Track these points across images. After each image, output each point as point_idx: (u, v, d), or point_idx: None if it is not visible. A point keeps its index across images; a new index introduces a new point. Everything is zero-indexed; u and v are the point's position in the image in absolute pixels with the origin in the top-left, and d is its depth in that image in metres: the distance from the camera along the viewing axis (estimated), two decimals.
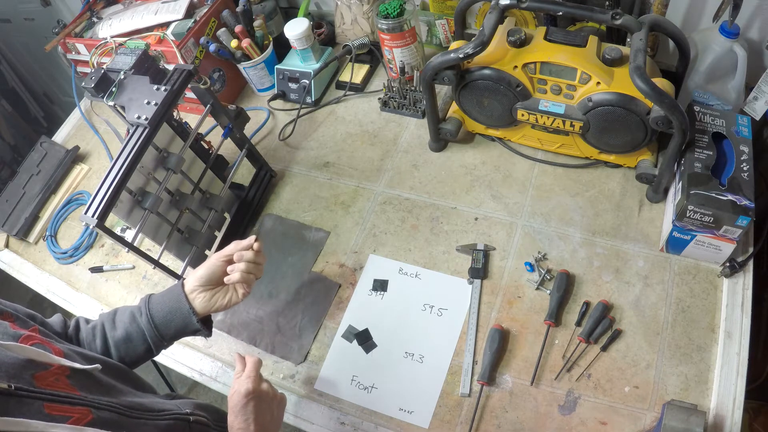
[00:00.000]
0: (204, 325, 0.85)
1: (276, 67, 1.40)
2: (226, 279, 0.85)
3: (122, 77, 0.99)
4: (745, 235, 0.96)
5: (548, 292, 1.00)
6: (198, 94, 1.08)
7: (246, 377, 0.76)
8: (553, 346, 0.97)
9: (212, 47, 1.29)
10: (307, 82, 1.37)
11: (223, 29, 1.33)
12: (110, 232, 0.90)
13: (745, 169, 0.92)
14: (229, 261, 0.86)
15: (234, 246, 0.87)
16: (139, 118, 0.93)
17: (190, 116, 1.27)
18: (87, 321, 0.85)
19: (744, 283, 0.97)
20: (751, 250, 0.98)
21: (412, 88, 1.33)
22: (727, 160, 0.96)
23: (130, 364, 0.83)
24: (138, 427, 0.62)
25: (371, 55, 1.43)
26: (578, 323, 0.97)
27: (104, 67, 1.03)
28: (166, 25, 1.32)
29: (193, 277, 0.84)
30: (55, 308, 1.24)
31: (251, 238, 0.88)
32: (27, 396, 0.52)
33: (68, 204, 1.38)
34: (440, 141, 1.24)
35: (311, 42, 1.34)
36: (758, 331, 1.34)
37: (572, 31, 1.03)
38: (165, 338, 0.83)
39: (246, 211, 1.22)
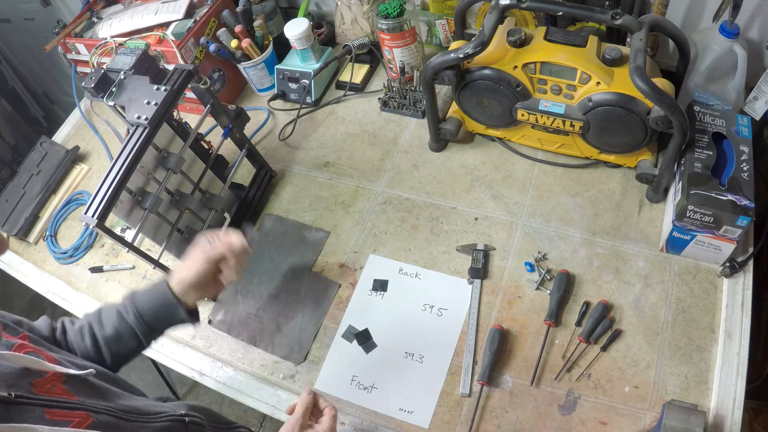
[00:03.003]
0: (191, 316, 0.85)
1: (276, 67, 1.40)
2: (225, 283, 0.87)
3: (122, 77, 0.99)
4: (745, 235, 0.96)
5: (548, 292, 1.00)
6: (198, 94, 1.08)
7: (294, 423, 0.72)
8: (553, 346, 0.96)
9: (212, 47, 1.29)
10: (307, 82, 1.37)
11: (223, 29, 1.33)
12: (110, 232, 0.90)
13: (745, 169, 0.92)
14: (217, 262, 0.86)
15: (223, 247, 0.85)
16: (139, 118, 0.93)
17: (190, 116, 1.27)
18: (72, 322, 0.85)
19: (744, 283, 0.97)
20: (751, 250, 0.98)
21: (412, 88, 1.33)
22: (727, 160, 0.96)
23: (124, 359, 0.84)
24: (136, 430, 0.62)
25: (371, 55, 1.43)
26: (578, 323, 0.97)
27: (104, 67, 1.03)
28: (166, 25, 1.32)
29: (184, 284, 0.83)
30: (55, 308, 1.24)
31: (243, 241, 0.86)
32: (27, 403, 0.53)
33: (68, 204, 1.38)
34: (440, 141, 1.24)
35: (311, 42, 1.34)
36: (758, 331, 1.34)
37: (572, 31, 1.03)
38: (155, 330, 0.84)
39: (246, 211, 1.22)
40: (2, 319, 0.68)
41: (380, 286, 1.09)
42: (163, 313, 0.83)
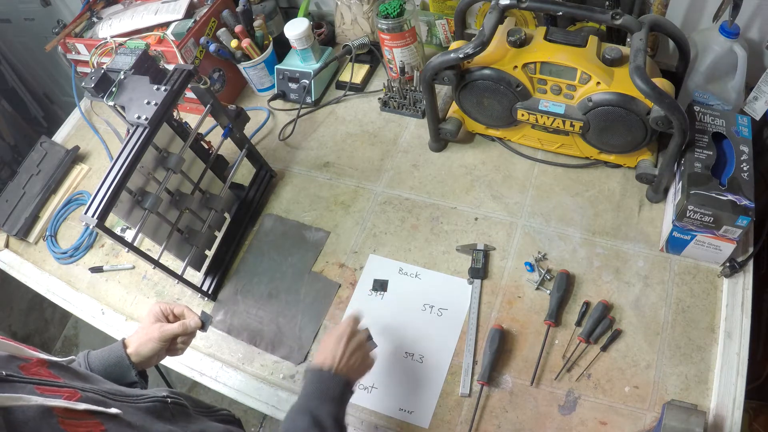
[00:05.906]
0: (141, 378, 0.86)
1: (276, 67, 1.40)
2: (174, 357, 0.91)
3: (122, 77, 0.99)
4: (745, 235, 0.96)
5: (548, 292, 1.00)
6: (198, 94, 1.08)
7: (345, 324, 0.88)
8: (553, 346, 0.96)
9: (212, 47, 1.29)
10: (307, 82, 1.37)
11: (223, 29, 1.33)
12: (110, 232, 0.90)
13: (745, 169, 0.92)
14: (171, 339, 0.88)
15: (180, 328, 0.88)
16: (139, 118, 0.93)
17: (190, 116, 1.27)
18: None
19: (744, 283, 0.97)
20: (751, 250, 0.98)
21: (412, 88, 1.33)
22: (727, 160, 0.96)
23: None
24: (123, 408, 0.63)
25: (371, 55, 1.43)
26: (578, 323, 0.97)
27: (104, 67, 1.03)
28: (166, 25, 1.32)
29: (139, 355, 0.85)
30: (55, 308, 1.24)
31: (198, 322, 0.90)
32: (18, 381, 0.54)
33: (68, 204, 1.38)
34: (440, 141, 1.24)
35: (311, 42, 1.34)
36: (758, 331, 1.34)
37: (572, 31, 1.03)
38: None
39: (246, 211, 1.22)
40: None
41: (380, 286, 1.08)
42: (114, 375, 0.83)
